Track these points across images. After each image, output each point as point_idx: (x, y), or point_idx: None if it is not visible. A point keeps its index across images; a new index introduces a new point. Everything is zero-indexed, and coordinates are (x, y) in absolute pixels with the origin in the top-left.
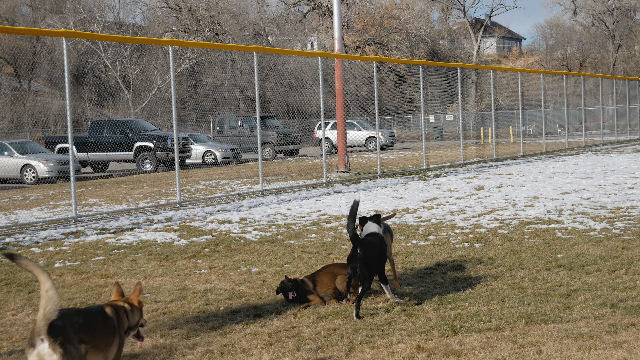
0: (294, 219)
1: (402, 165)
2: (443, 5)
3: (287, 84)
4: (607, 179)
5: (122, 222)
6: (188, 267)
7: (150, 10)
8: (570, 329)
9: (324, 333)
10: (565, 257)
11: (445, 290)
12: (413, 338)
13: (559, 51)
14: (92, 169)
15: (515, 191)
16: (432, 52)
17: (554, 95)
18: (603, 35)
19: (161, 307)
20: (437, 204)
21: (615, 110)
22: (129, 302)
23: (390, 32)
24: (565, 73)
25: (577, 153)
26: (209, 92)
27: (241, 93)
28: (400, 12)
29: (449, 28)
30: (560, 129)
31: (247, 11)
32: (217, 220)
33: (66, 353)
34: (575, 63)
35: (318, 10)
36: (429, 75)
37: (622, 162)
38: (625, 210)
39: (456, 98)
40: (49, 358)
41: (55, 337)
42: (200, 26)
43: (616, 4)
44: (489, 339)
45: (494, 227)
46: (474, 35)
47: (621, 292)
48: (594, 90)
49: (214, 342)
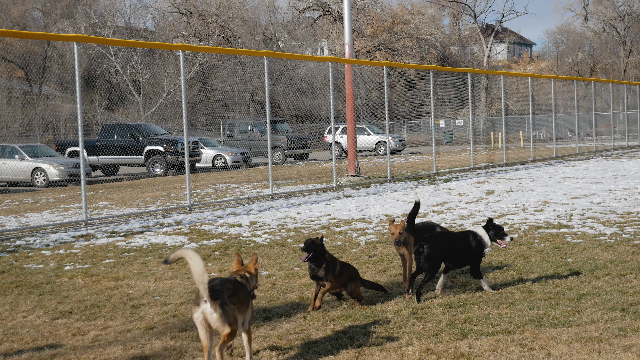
0: (304, 223)
1: (412, 170)
2: (454, 11)
3: (297, 88)
4: (618, 184)
5: (132, 225)
6: None
7: (161, 15)
8: (579, 333)
9: (334, 336)
10: (575, 262)
11: (455, 293)
12: (422, 341)
13: (570, 57)
14: (103, 172)
15: (525, 196)
16: (442, 58)
17: (564, 100)
18: (614, 41)
19: (171, 309)
20: (447, 208)
21: (626, 116)
22: (248, 270)
23: (401, 37)
24: (575, 78)
25: (588, 158)
26: (219, 96)
27: (251, 97)
28: (410, 17)
29: (459, 33)
30: (571, 134)
31: (257, 16)
32: (227, 224)
33: (224, 313)
34: (586, 68)
35: (328, 16)
36: (439, 80)
37: (633, 167)
38: (635, 214)
39: (466, 103)
40: (210, 316)
41: (215, 300)
42: (211, 31)
43: (627, 10)
44: (498, 342)
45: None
46: (484, 40)
47: (631, 296)
48: (605, 96)
49: None
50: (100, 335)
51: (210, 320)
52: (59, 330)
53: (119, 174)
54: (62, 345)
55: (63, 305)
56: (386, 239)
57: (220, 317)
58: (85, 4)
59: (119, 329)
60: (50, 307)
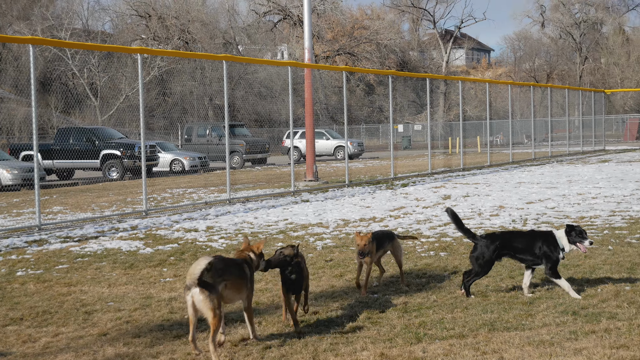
0: (261, 228)
1: (370, 175)
2: (413, 17)
3: (256, 92)
4: (572, 189)
5: (86, 230)
6: (153, 276)
7: (119, 18)
8: (532, 336)
9: (289, 341)
10: None
11: (410, 298)
12: (377, 345)
13: (527, 63)
14: (58, 176)
15: (482, 200)
16: (401, 63)
17: (521, 106)
18: (570, 48)
19: (125, 315)
20: (404, 213)
21: (581, 122)
22: (252, 250)
23: (361, 42)
24: (532, 84)
25: (543, 163)
26: (178, 100)
27: (210, 101)
28: (370, 22)
29: (418, 39)
30: (527, 139)
31: (217, 20)
32: (183, 229)
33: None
34: (542, 75)
35: (289, 20)
36: (399, 85)
37: (587, 172)
38: (588, 219)
39: (425, 108)
40: (197, 297)
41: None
42: (170, 34)
43: (583, 17)
44: (452, 346)
45: (459, 236)
46: (443, 46)
47: (582, 300)
48: (561, 102)
49: (178, 350)
50: (51, 342)
51: (196, 302)
52: (9, 337)
53: (74, 178)
54: (11, 352)
55: (14, 312)
56: (343, 244)
57: (205, 299)
58: (42, 6)
59: (71, 335)
60: (1, 314)
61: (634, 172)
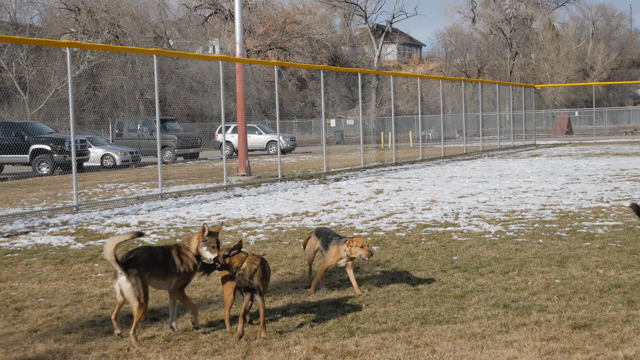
0: (193, 222)
1: (302, 169)
2: (345, 11)
3: (188, 87)
4: (503, 183)
5: (16, 225)
6: (84, 271)
7: (48, 11)
8: (463, 329)
9: (221, 336)
10: (460, 259)
11: (343, 292)
12: (310, 340)
13: (458, 58)
14: None
15: (414, 195)
16: (333, 57)
17: (452, 101)
18: (501, 43)
19: (56, 311)
20: (336, 207)
21: (511, 116)
22: (188, 240)
23: (292, 36)
24: (463, 79)
25: (475, 158)
26: (108, 94)
27: (141, 96)
28: (302, 17)
29: (350, 34)
30: (459, 134)
31: (148, 14)
32: (114, 224)
33: (135, 285)
34: (473, 70)
35: (220, 14)
36: (331, 80)
37: (518, 166)
38: (519, 213)
39: (357, 103)
40: (124, 285)
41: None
42: (100, 28)
43: (514, 13)
44: (384, 339)
45: (392, 230)
46: (375, 41)
47: (513, 293)
48: (492, 97)
49: (110, 346)
50: None
51: (123, 289)
52: None
53: (3, 173)
54: None
55: None
56: (276, 238)
57: (131, 288)
58: None
59: (1, 332)
60: None
61: (564, 167)
